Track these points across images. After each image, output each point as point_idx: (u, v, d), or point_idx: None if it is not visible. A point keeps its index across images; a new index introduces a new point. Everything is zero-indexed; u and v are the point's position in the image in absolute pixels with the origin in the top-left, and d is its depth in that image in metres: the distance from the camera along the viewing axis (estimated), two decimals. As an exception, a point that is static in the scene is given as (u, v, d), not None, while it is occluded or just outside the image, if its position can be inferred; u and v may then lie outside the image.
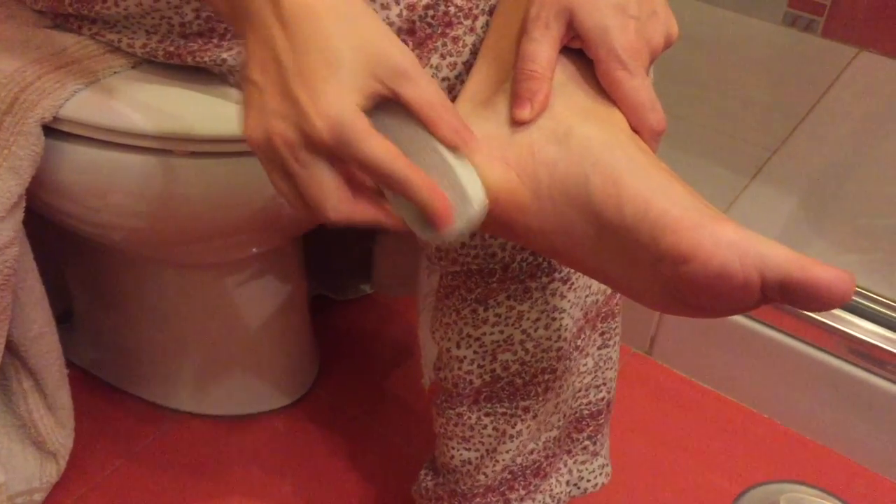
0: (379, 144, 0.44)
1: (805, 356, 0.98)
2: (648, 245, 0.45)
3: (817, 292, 0.41)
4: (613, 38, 0.49)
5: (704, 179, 1.21)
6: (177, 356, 0.98)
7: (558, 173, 0.47)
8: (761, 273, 0.42)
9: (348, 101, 0.43)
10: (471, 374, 0.68)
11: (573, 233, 0.48)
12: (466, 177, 0.47)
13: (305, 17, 0.44)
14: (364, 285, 1.15)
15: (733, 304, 0.44)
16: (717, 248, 0.42)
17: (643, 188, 0.45)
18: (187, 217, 0.73)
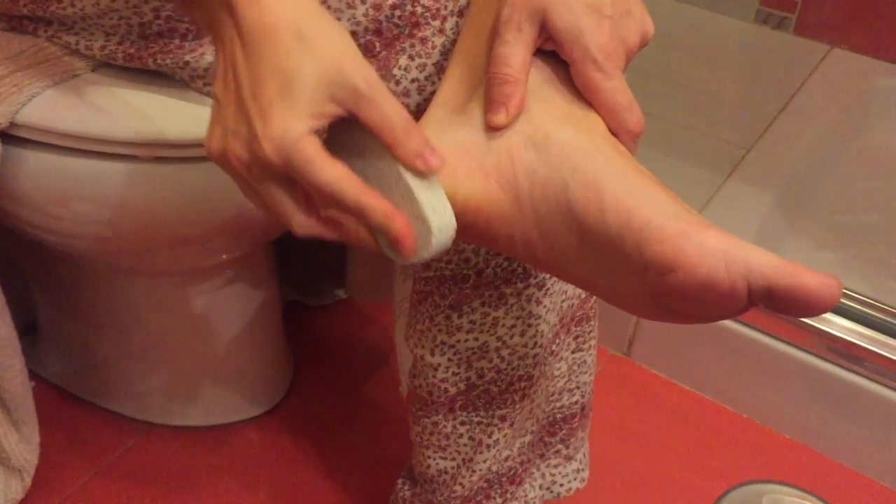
0: (328, 169, 0.43)
1: (783, 355, 0.97)
2: (633, 254, 0.44)
3: (805, 298, 0.41)
4: (588, 38, 0.48)
5: (678, 178, 1.20)
6: (146, 366, 0.96)
7: (538, 180, 0.46)
8: (748, 280, 0.41)
9: (297, 125, 0.42)
10: (446, 381, 0.66)
11: (556, 241, 0.47)
12: (431, 202, 0.45)
13: (263, 35, 0.43)
14: (338, 290, 1.13)
15: (720, 312, 0.43)
16: (702, 256, 0.42)
17: (624, 195, 0.44)
18: (154, 225, 0.72)
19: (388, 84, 0.56)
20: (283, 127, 0.42)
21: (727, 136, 1.29)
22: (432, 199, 0.46)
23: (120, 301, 0.92)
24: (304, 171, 0.43)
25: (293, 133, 0.42)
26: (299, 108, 0.43)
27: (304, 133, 0.43)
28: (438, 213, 0.45)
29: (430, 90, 0.56)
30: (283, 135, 0.42)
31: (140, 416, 0.98)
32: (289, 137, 0.42)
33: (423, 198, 0.45)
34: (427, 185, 0.46)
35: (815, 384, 0.97)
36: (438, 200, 0.46)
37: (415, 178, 0.45)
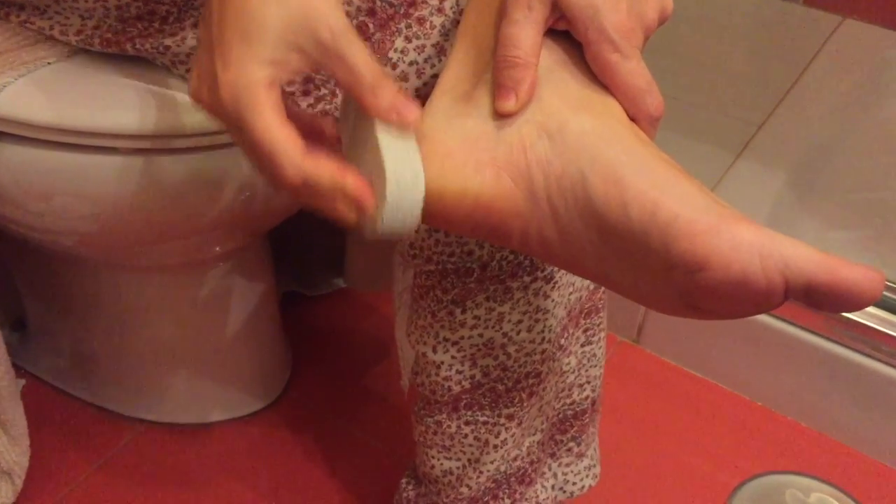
0: (268, 128, 0.41)
1: (799, 340, 0.94)
2: (659, 251, 0.40)
3: (846, 294, 0.38)
4: (604, 17, 0.44)
5: (688, 157, 1.16)
6: (140, 363, 0.93)
7: (554, 173, 0.43)
8: (785, 276, 0.39)
9: (255, 70, 0.40)
10: (449, 380, 0.63)
11: (574, 238, 0.43)
12: (395, 154, 0.42)
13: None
14: (337, 279, 1.10)
15: (754, 309, 0.40)
16: (735, 252, 0.39)
17: (648, 187, 0.41)
18: (141, 219, 0.69)
19: (385, 67, 0.52)
20: (238, 71, 0.41)
21: (737, 113, 1.25)
22: (397, 152, 0.42)
23: (111, 296, 0.89)
24: (247, 123, 0.41)
25: (248, 78, 0.41)
26: (258, 52, 0.40)
27: (261, 79, 0.41)
28: (400, 166, 0.42)
29: (430, 73, 0.53)
30: (237, 78, 0.41)
31: (135, 414, 0.95)
32: (242, 81, 0.40)
33: (387, 150, 0.42)
34: (396, 139, 0.42)
35: (833, 370, 0.94)
36: (405, 154, 0.42)
37: (386, 133, 0.42)
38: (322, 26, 0.41)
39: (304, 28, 0.41)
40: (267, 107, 0.41)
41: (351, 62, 0.41)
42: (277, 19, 0.40)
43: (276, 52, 0.41)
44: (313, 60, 0.42)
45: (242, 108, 0.41)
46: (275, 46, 0.41)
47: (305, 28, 0.41)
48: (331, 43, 0.41)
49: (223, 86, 0.41)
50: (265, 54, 0.41)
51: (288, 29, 0.41)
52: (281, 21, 0.41)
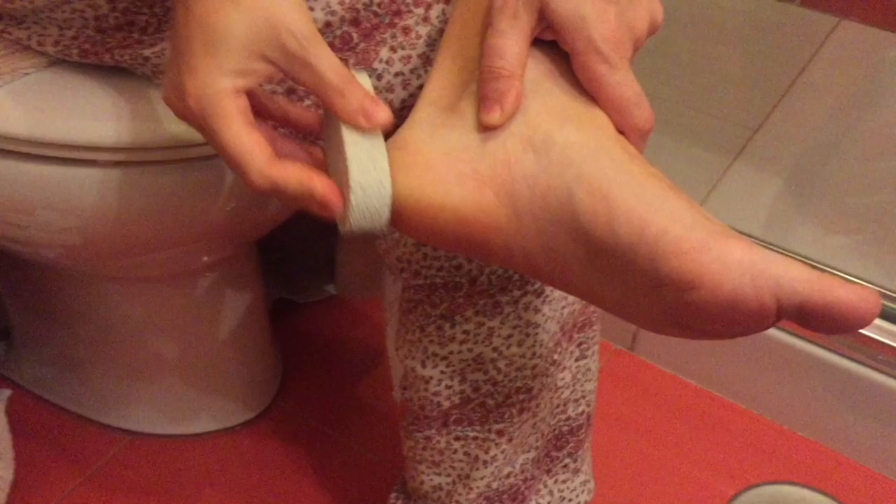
0: (236, 133, 0.41)
1: (794, 349, 0.93)
2: (647, 269, 0.39)
3: (840, 315, 0.37)
4: (591, 27, 0.43)
5: (684, 161, 1.16)
6: (127, 373, 0.92)
7: (539, 188, 0.42)
8: (777, 297, 0.37)
9: (220, 80, 0.41)
10: (438, 395, 0.62)
11: (560, 254, 0.42)
12: (358, 158, 0.42)
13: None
14: (328, 286, 1.09)
15: (744, 330, 0.39)
16: (726, 272, 0.38)
17: (637, 203, 0.40)
18: (125, 231, 0.68)
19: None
20: (203, 81, 0.41)
21: (733, 117, 1.24)
22: (362, 156, 0.42)
23: (97, 306, 0.87)
24: (213, 131, 0.41)
25: (213, 87, 0.41)
26: (223, 62, 0.41)
27: (226, 89, 0.41)
28: (364, 171, 0.42)
29: (417, 85, 0.51)
30: (203, 88, 0.41)
31: (123, 425, 0.94)
32: (207, 91, 0.41)
33: (352, 153, 0.42)
34: (362, 141, 0.42)
35: (830, 379, 0.93)
36: (370, 158, 0.42)
37: (352, 136, 0.42)
38: (286, 33, 0.41)
39: (269, 36, 0.41)
40: (232, 115, 0.41)
41: (317, 67, 0.41)
42: (241, 28, 0.40)
43: (240, 62, 0.41)
44: (279, 67, 0.42)
45: (209, 117, 0.41)
46: (239, 56, 0.41)
47: (269, 35, 0.41)
48: (296, 49, 0.41)
49: (189, 95, 0.41)
50: (230, 64, 0.41)
51: (252, 37, 0.41)
52: (245, 30, 0.40)
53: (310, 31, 0.41)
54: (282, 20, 0.40)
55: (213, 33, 0.40)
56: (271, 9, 0.41)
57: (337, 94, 0.41)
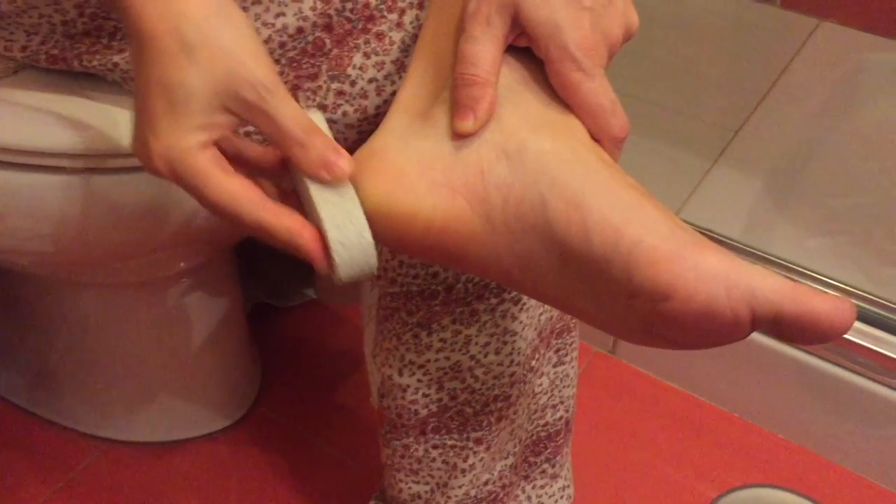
0: (220, 185, 0.41)
1: (775, 352, 0.93)
2: (621, 279, 0.39)
3: (815, 326, 0.36)
4: (565, 33, 0.42)
5: (664, 164, 1.16)
6: (104, 380, 0.91)
7: (512, 196, 0.41)
8: (751, 307, 0.37)
9: (184, 139, 0.40)
10: (416, 403, 0.62)
11: (534, 263, 0.42)
12: (333, 216, 0.41)
13: (147, 43, 0.40)
14: (308, 290, 1.08)
15: (719, 340, 0.39)
16: (700, 282, 0.37)
17: (611, 212, 0.39)
18: (99, 238, 0.67)
19: (342, 85, 0.50)
20: (168, 142, 0.40)
21: (713, 119, 1.24)
22: (334, 211, 0.41)
23: (72, 312, 0.86)
24: (194, 188, 0.41)
25: (179, 147, 0.40)
26: (186, 121, 0.40)
27: (192, 147, 0.40)
28: (340, 227, 0.41)
29: (391, 91, 0.51)
30: (169, 150, 0.41)
31: (100, 433, 0.93)
32: (174, 152, 0.40)
33: (325, 211, 0.41)
34: (332, 196, 0.42)
35: (811, 382, 0.93)
36: (344, 212, 0.42)
37: (320, 189, 0.42)
38: (244, 85, 0.40)
39: (227, 89, 0.40)
40: (207, 171, 0.41)
41: (277, 119, 0.41)
42: (200, 84, 0.40)
43: (203, 118, 0.40)
44: (241, 118, 0.41)
45: (184, 177, 0.41)
46: (201, 112, 0.40)
47: (228, 88, 0.40)
48: (255, 101, 0.40)
49: (156, 156, 0.41)
50: (192, 122, 0.40)
51: (212, 92, 0.40)
52: (203, 86, 0.40)
53: (269, 81, 0.40)
54: (239, 72, 0.40)
55: (172, 92, 0.40)
56: (228, 61, 0.40)
57: (297, 145, 0.41)
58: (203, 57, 0.40)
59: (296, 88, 0.50)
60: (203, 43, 0.40)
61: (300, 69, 0.50)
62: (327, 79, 0.50)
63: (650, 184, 0.70)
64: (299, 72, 0.50)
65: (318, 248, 0.41)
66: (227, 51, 0.40)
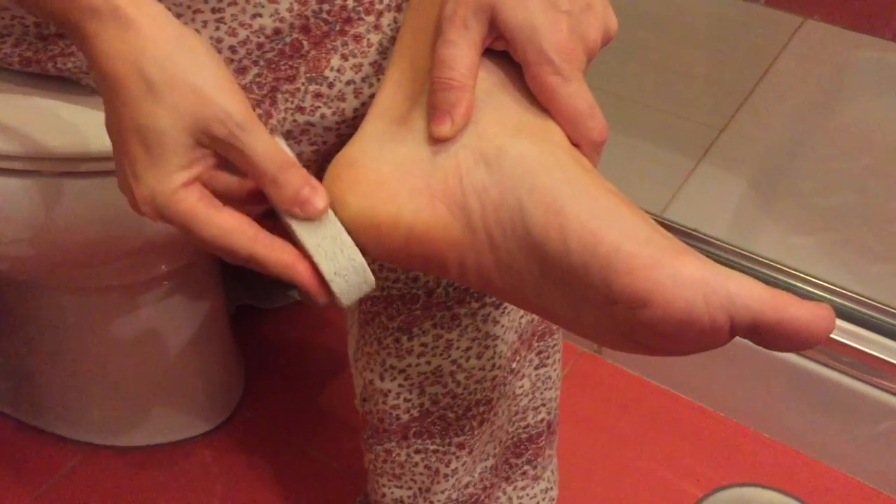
0: (212, 222, 0.40)
1: (760, 351, 0.93)
2: (599, 286, 0.39)
3: (794, 333, 0.36)
4: (542, 37, 0.42)
5: (649, 163, 1.16)
6: (85, 385, 0.90)
7: (491, 202, 0.41)
8: (730, 314, 0.37)
9: (166, 183, 0.40)
10: (397, 408, 0.61)
11: (514, 270, 0.41)
12: (321, 247, 0.41)
13: (113, 86, 0.40)
14: (292, 291, 1.07)
15: (698, 347, 0.39)
16: (678, 289, 0.37)
17: (589, 218, 0.39)
18: (79, 242, 0.66)
19: (320, 87, 0.50)
20: (149, 186, 0.40)
21: (698, 117, 1.24)
22: (321, 242, 0.41)
23: (53, 316, 0.86)
24: (187, 229, 0.41)
25: (162, 192, 0.40)
26: (164, 164, 0.40)
27: (175, 189, 0.40)
28: (331, 258, 0.41)
29: (369, 93, 0.50)
30: (152, 195, 0.40)
31: (81, 437, 0.92)
32: (158, 198, 0.40)
33: (311, 244, 0.41)
34: (316, 229, 0.41)
35: (795, 381, 0.93)
36: (330, 241, 0.42)
37: (300, 223, 0.42)
38: (213, 121, 0.40)
39: (197, 126, 0.40)
40: (195, 210, 0.40)
41: (248, 155, 0.40)
42: (170, 125, 0.39)
43: (180, 158, 0.40)
44: (216, 152, 0.41)
45: (170, 219, 0.41)
46: (177, 153, 0.40)
47: (197, 125, 0.40)
48: (226, 137, 0.40)
49: (140, 201, 0.41)
50: (170, 164, 0.40)
51: (183, 131, 0.40)
52: (174, 126, 0.40)
53: (239, 115, 0.40)
54: (207, 108, 0.40)
55: (145, 136, 0.40)
56: (194, 97, 0.40)
57: (270, 182, 0.41)
58: (169, 96, 0.39)
59: (274, 90, 0.50)
60: (167, 82, 0.39)
61: (278, 70, 0.50)
62: (305, 80, 0.50)
63: (635, 183, 0.70)
64: (277, 73, 0.50)
65: (314, 282, 0.42)
66: (193, 87, 0.40)
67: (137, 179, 0.40)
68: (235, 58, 0.49)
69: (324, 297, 0.42)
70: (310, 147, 0.51)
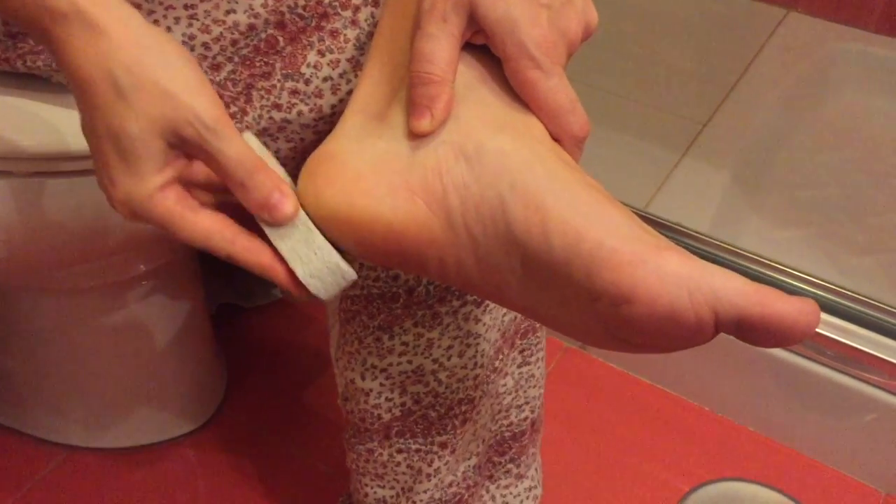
0: (190, 224, 0.41)
1: (744, 345, 0.92)
2: (582, 282, 0.38)
3: (779, 328, 0.36)
4: (522, 31, 0.41)
5: (632, 157, 1.15)
6: (64, 386, 0.89)
7: (471, 198, 0.40)
8: (714, 310, 0.36)
9: (141, 187, 0.40)
10: (379, 407, 0.60)
11: (494, 267, 0.41)
12: (295, 251, 0.42)
13: (84, 90, 0.40)
14: (274, 289, 1.06)
15: (683, 343, 0.38)
16: (662, 284, 0.36)
17: (572, 215, 0.38)
18: (53, 243, 0.65)
19: (297, 83, 0.49)
20: (126, 190, 0.40)
21: (682, 111, 1.23)
22: (294, 246, 0.42)
23: (30, 317, 0.84)
24: (163, 229, 0.41)
25: (139, 195, 0.40)
26: (138, 168, 0.40)
27: (151, 192, 0.40)
28: (305, 261, 0.41)
29: (346, 90, 0.50)
30: (129, 199, 0.41)
31: (61, 440, 0.91)
32: (135, 202, 0.41)
33: (284, 248, 0.42)
34: (288, 233, 0.42)
35: (780, 375, 0.93)
36: (303, 244, 0.42)
37: (272, 227, 0.42)
38: (182, 123, 0.40)
39: (167, 128, 0.40)
40: (173, 212, 0.41)
41: (217, 159, 0.40)
42: (141, 129, 0.39)
43: (154, 162, 0.40)
44: (189, 155, 0.41)
45: (152, 221, 0.41)
46: (150, 157, 0.40)
47: (167, 128, 0.40)
48: (195, 139, 0.40)
49: (118, 204, 0.41)
50: (145, 168, 0.40)
51: (154, 135, 0.40)
52: (145, 130, 0.39)
53: (209, 117, 0.40)
54: (176, 110, 0.39)
55: (118, 140, 0.40)
56: (163, 100, 0.39)
57: (238, 186, 0.41)
58: (138, 100, 0.39)
59: (249, 87, 0.49)
60: (136, 85, 0.39)
61: (253, 67, 0.49)
62: (281, 77, 0.49)
63: (618, 178, 0.69)
64: (252, 70, 0.49)
65: (291, 283, 0.42)
66: (162, 90, 0.39)
67: (114, 184, 0.40)
68: (209, 55, 0.48)
69: (303, 294, 0.42)
70: (287, 144, 0.50)
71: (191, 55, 0.42)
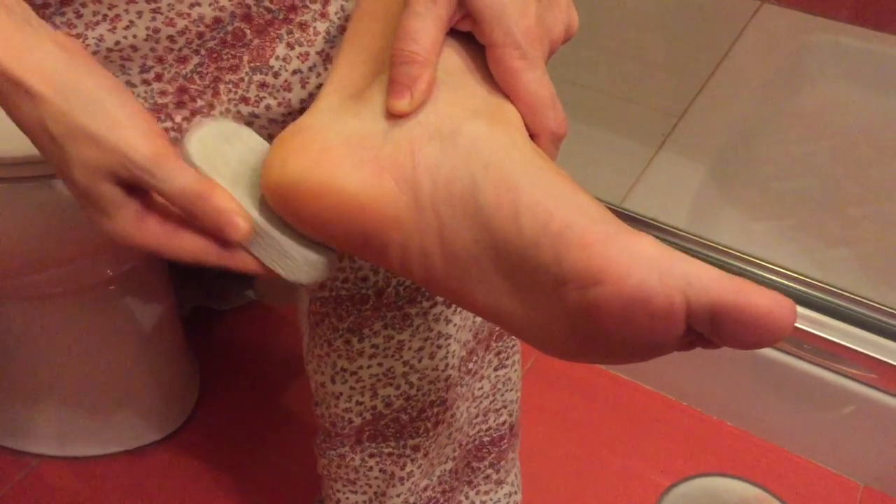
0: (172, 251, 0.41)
1: (723, 339, 0.92)
2: (550, 264, 0.36)
3: (754, 321, 0.33)
4: (512, 19, 0.40)
5: (607, 152, 1.15)
6: (31, 394, 0.87)
7: (442, 177, 0.39)
8: (686, 296, 0.34)
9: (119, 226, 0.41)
10: (349, 412, 0.59)
11: (460, 254, 0.39)
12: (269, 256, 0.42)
13: (32, 138, 0.40)
14: (248, 291, 1.05)
15: (651, 337, 0.36)
16: (632, 265, 0.35)
17: (544, 196, 0.37)
18: (17, 249, 0.64)
19: (265, 77, 0.47)
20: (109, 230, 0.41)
21: (656, 104, 1.22)
22: (267, 253, 0.42)
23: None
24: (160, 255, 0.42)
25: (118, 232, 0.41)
26: (104, 208, 0.40)
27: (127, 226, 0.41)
28: (281, 265, 0.42)
29: (315, 83, 0.48)
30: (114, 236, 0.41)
31: (30, 449, 0.89)
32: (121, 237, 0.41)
33: (258, 255, 0.42)
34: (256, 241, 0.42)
35: (758, 369, 0.92)
36: (277, 254, 0.42)
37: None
38: (118, 167, 0.40)
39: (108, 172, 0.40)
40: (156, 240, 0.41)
41: (160, 192, 0.40)
42: (88, 178, 0.40)
43: (114, 201, 0.40)
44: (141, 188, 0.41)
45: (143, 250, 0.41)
46: (107, 199, 0.40)
47: (108, 171, 0.40)
48: (133, 179, 0.40)
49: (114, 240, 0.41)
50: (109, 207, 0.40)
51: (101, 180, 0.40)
52: (92, 178, 0.40)
53: (141, 157, 0.39)
54: (108, 156, 0.39)
55: (76, 187, 0.40)
56: (93, 147, 0.39)
57: (187, 215, 0.41)
58: (74, 150, 0.39)
59: (216, 81, 0.48)
60: (66, 134, 0.39)
61: (220, 60, 0.47)
62: (249, 70, 0.47)
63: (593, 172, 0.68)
64: (220, 63, 0.47)
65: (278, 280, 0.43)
66: (89, 136, 0.39)
67: (97, 223, 0.41)
68: (175, 47, 0.47)
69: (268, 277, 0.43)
70: None
71: (116, 80, 0.41)
